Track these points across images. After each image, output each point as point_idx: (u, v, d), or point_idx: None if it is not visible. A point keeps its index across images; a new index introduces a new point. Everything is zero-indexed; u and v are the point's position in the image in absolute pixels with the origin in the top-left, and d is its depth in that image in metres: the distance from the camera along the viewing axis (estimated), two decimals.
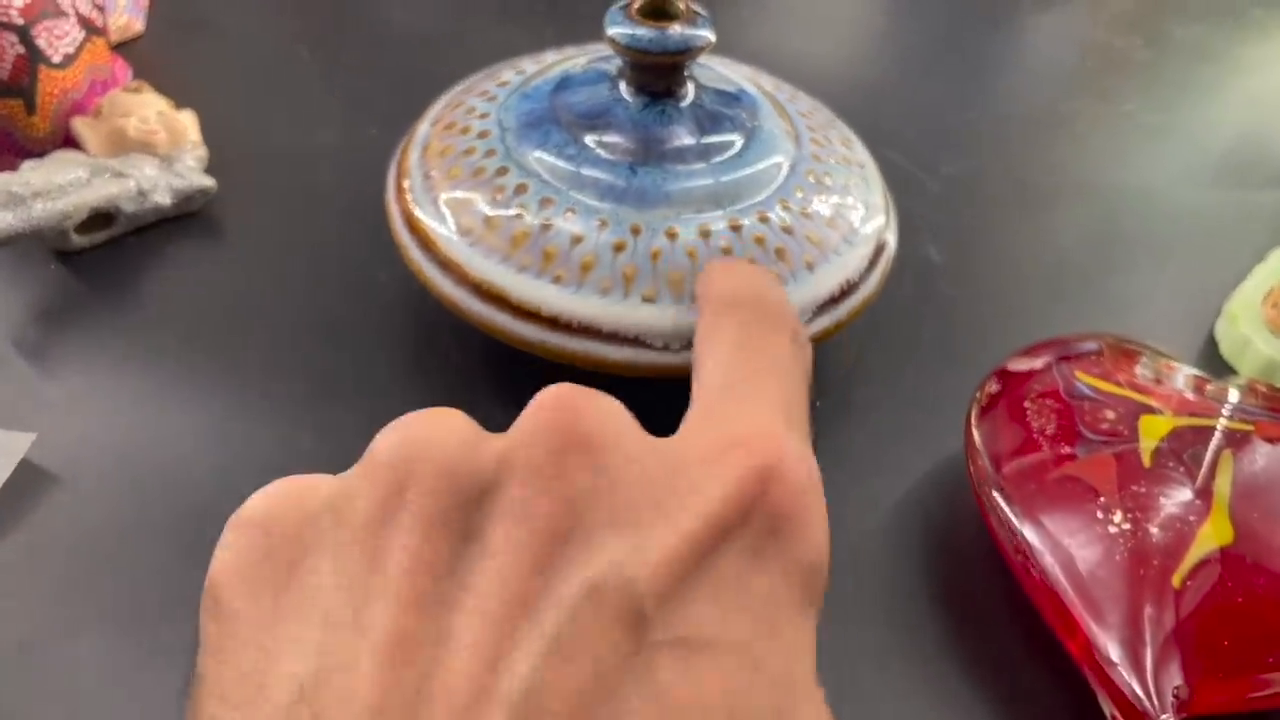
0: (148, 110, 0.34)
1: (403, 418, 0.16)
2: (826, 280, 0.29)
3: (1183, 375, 0.29)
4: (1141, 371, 0.29)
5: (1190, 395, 0.28)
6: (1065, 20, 0.53)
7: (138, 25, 0.44)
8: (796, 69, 0.37)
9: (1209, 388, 0.29)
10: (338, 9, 0.48)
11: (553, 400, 0.16)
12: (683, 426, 0.18)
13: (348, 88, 0.42)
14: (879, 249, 0.31)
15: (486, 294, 0.28)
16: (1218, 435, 0.26)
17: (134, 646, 0.24)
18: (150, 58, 0.42)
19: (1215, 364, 0.35)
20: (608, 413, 0.17)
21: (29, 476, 0.28)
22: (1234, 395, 0.29)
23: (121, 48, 0.42)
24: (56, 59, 0.34)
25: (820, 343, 0.28)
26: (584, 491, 0.15)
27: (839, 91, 0.37)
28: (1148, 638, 0.24)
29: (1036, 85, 0.48)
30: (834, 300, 0.29)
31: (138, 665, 0.24)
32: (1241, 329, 0.35)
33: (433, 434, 0.16)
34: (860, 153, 0.33)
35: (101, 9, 0.37)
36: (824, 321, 0.29)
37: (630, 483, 0.16)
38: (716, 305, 0.22)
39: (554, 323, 0.27)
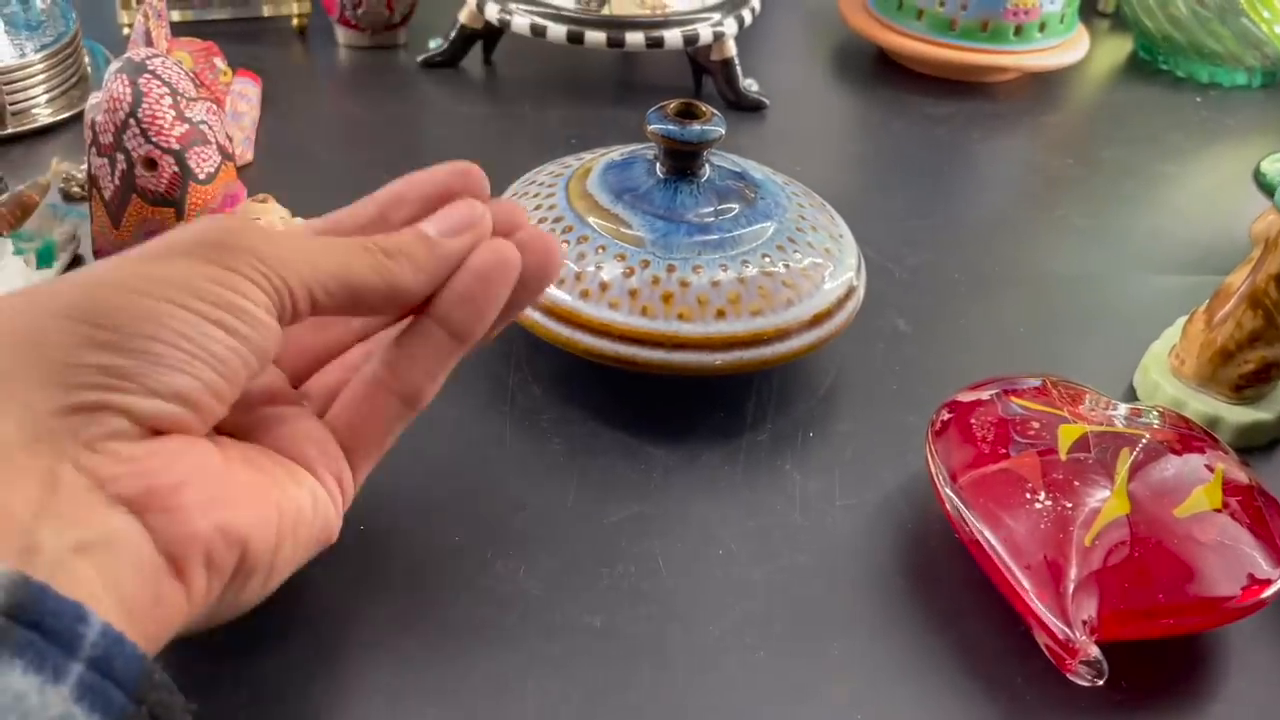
0: (273, 217, 0.43)
1: None
2: (807, 309, 0.39)
3: (1120, 407, 0.37)
4: (1088, 405, 0.37)
5: (1119, 421, 0.36)
6: (1009, 145, 0.64)
7: (248, 155, 0.53)
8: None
9: (1139, 416, 0.37)
10: (406, 142, 0.58)
11: None
12: None
13: None
14: (849, 290, 0.41)
15: (559, 316, 0.39)
16: (1117, 436, 0.34)
17: None
18: (259, 181, 0.52)
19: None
20: None
21: None
22: (1153, 416, 0.36)
23: (238, 172, 0.51)
24: (202, 176, 0.44)
25: (803, 356, 0.40)
26: None
27: (823, 200, 0.46)
28: (1066, 584, 0.31)
29: (985, 196, 0.58)
30: (814, 322, 0.39)
31: None
32: (1153, 376, 0.43)
33: None
34: (840, 225, 0.44)
35: (231, 139, 0.47)
36: (807, 338, 0.39)
37: None
38: None
39: (609, 334, 0.38)
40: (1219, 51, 0.69)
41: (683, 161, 0.41)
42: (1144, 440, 0.34)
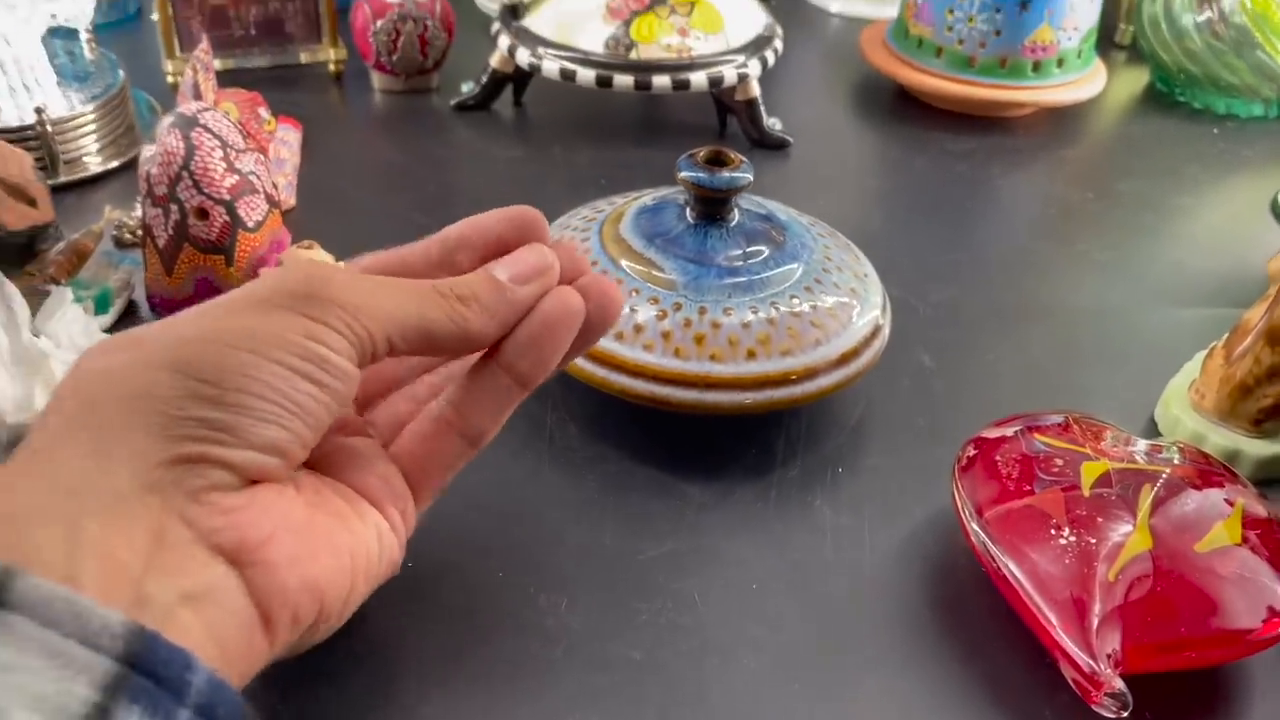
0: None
1: None
2: (835, 348, 0.41)
3: (1140, 443, 0.38)
4: (1109, 441, 0.38)
5: (1141, 458, 0.37)
6: (1029, 180, 0.65)
7: (291, 200, 0.55)
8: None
9: (1160, 452, 0.38)
10: (441, 184, 0.60)
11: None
12: None
13: None
14: (875, 329, 0.43)
15: (595, 358, 0.40)
16: (1139, 473, 0.35)
17: None
18: (301, 225, 0.54)
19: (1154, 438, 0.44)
20: None
21: None
22: (1174, 452, 0.37)
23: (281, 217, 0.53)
24: (250, 224, 0.45)
25: (832, 394, 0.41)
26: None
27: (847, 236, 0.47)
28: (1091, 618, 0.32)
29: (1007, 231, 0.59)
30: (842, 361, 0.41)
31: None
32: (1174, 410, 0.44)
33: None
34: (865, 264, 0.45)
35: (277, 187, 0.49)
36: (836, 377, 0.40)
37: None
38: None
39: (644, 375, 0.39)
40: (1235, 84, 0.70)
41: (712, 207, 0.42)
42: (1164, 476, 0.35)
